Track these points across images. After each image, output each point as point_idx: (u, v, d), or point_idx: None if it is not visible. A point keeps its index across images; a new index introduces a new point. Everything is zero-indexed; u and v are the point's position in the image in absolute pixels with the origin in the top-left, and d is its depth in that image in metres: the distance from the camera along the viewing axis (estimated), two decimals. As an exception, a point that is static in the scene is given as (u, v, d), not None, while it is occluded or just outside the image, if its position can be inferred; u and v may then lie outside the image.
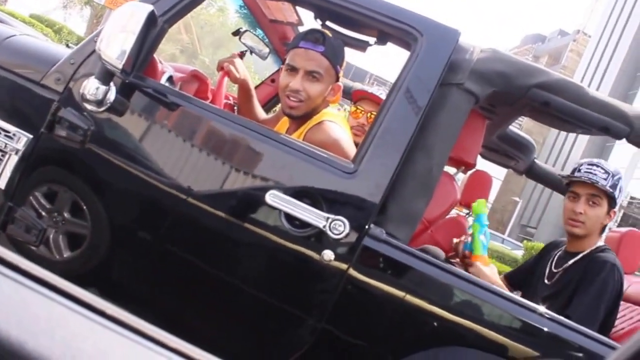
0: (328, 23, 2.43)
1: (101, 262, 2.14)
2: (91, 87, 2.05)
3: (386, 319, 1.98)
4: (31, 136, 2.14)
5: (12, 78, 2.21)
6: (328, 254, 1.95)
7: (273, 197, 1.97)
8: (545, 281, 2.63)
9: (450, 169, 2.87)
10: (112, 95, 2.07)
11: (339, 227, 1.94)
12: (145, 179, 2.08)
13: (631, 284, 2.90)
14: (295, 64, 2.25)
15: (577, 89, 2.12)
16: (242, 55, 2.90)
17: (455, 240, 2.56)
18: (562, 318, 1.98)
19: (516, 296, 2.04)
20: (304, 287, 2.02)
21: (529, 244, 19.54)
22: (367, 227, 1.97)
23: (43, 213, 2.16)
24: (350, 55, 2.38)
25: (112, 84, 2.07)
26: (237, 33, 3.02)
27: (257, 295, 2.06)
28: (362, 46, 2.50)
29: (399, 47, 2.31)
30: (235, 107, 2.95)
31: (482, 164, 3.38)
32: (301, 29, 3.11)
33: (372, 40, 2.44)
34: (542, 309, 1.99)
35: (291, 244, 1.98)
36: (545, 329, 1.94)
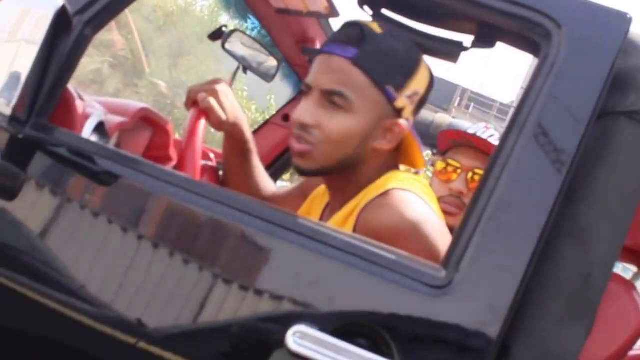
0: (385, 12, 2.47)
1: None
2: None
3: None
4: None
5: None
6: None
7: (299, 338, 1.93)
8: None
9: (626, 268, 2.85)
10: (-8, 164, 2.10)
11: None
12: (60, 311, 2.08)
13: None
14: (309, 79, 2.31)
15: None
16: (233, 80, 2.93)
17: None
18: None
19: None
20: None
21: None
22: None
23: None
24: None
25: (-8, 142, 2.10)
26: (218, 35, 3.01)
27: None
28: (450, 52, 2.52)
29: (518, 49, 2.35)
30: (221, 173, 2.99)
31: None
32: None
33: (467, 40, 2.45)
34: None
35: None
36: None
